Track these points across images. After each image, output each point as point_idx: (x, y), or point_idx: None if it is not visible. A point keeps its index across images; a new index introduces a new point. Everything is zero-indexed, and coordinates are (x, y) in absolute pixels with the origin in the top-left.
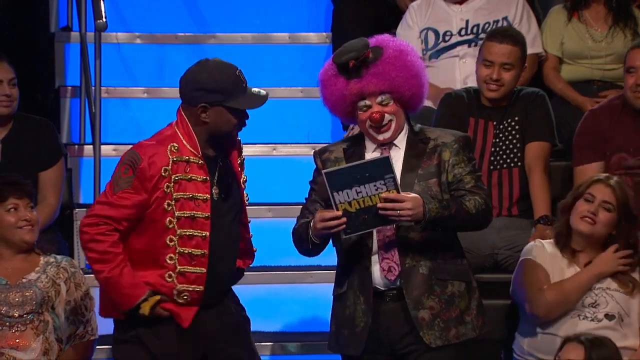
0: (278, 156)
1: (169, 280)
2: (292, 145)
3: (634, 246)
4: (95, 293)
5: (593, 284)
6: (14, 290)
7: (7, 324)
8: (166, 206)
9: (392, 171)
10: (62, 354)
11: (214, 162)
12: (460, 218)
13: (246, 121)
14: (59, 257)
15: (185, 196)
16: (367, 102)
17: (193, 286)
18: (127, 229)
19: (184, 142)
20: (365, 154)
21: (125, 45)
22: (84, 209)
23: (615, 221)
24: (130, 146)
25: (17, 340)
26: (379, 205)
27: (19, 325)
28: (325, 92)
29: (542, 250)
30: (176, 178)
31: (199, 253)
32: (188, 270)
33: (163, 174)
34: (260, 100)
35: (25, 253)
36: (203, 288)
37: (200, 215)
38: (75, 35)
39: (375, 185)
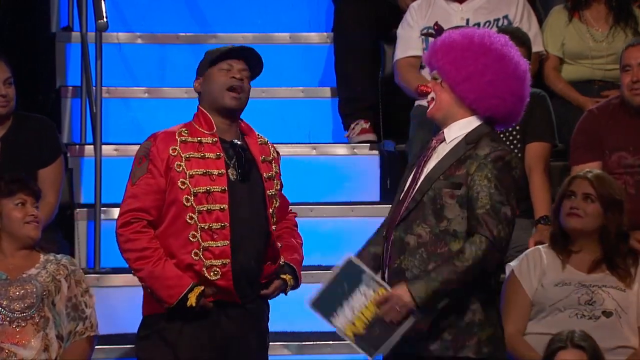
0: None
1: (196, 258)
2: (293, 145)
3: (626, 234)
4: (96, 293)
5: None
6: (15, 284)
7: (8, 319)
8: (180, 184)
9: (363, 270)
10: (64, 351)
11: (231, 147)
12: (458, 278)
13: (238, 80)
14: (58, 255)
15: (198, 172)
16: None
17: (220, 260)
18: (158, 218)
19: (196, 126)
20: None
21: (126, 45)
22: (85, 209)
23: (601, 212)
24: (131, 146)
25: (18, 337)
26: (379, 314)
27: (20, 321)
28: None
29: (534, 258)
30: (187, 156)
31: (220, 226)
32: (212, 245)
33: (172, 153)
34: (238, 47)
35: (26, 250)
36: (230, 261)
37: (217, 189)
38: (76, 35)
39: (361, 292)
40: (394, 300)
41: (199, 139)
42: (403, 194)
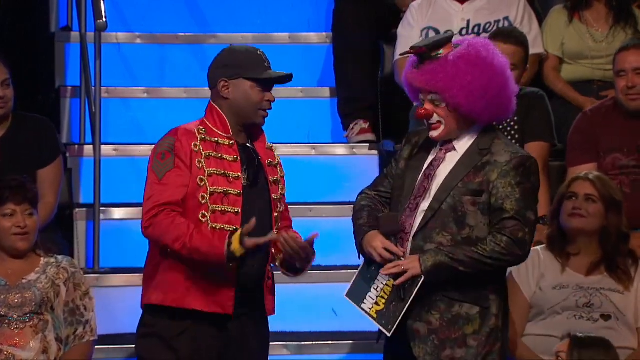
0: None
1: None
2: (292, 145)
3: (626, 235)
4: (95, 293)
5: None
6: (14, 291)
7: (7, 321)
8: (199, 182)
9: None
10: (63, 355)
11: (243, 150)
12: (469, 262)
13: (271, 104)
14: (59, 257)
15: (217, 172)
16: (422, 97)
17: None
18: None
19: (211, 126)
20: (430, 153)
21: (126, 45)
22: (84, 209)
23: (603, 212)
24: (130, 146)
25: (16, 339)
26: (391, 275)
27: (18, 323)
28: (402, 76)
29: (532, 260)
30: (207, 154)
31: (232, 229)
32: None
33: (194, 149)
34: (281, 75)
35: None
36: (237, 263)
37: (233, 192)
38: (75, 35)
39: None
40: (403, 266)
41: (216, 139)
42: (410, 202)
